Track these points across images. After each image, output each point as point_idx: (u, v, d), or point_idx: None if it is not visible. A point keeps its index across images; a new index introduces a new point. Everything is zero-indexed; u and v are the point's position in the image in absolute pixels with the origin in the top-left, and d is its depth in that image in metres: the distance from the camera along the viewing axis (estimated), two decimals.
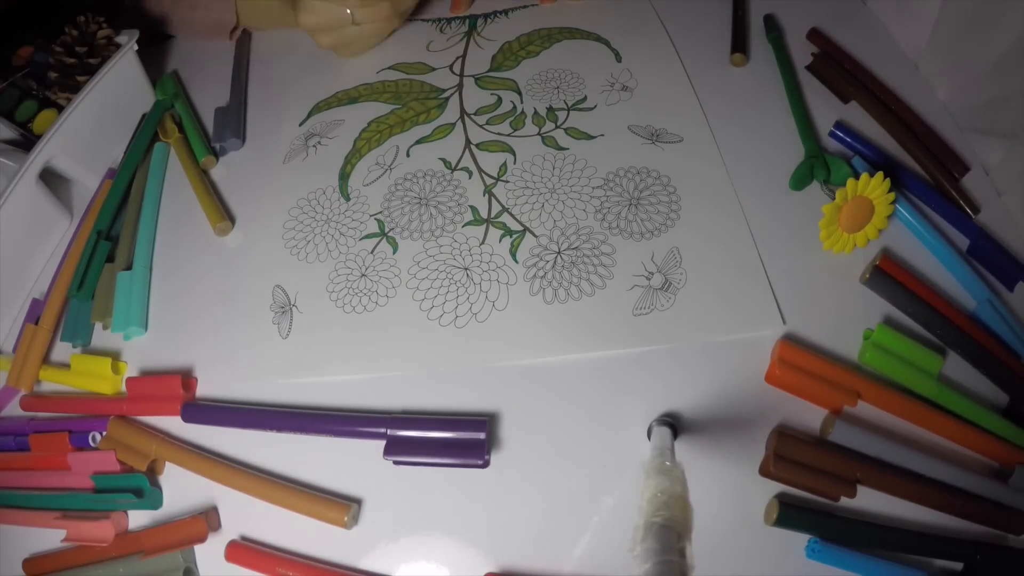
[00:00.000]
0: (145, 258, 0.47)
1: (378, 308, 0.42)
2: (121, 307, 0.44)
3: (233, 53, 0.60)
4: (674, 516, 0.26)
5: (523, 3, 0.58)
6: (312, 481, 0.38)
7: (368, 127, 0.51)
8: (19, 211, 0.46)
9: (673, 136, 0.47)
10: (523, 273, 0.42)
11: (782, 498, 0.34)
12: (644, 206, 0.43)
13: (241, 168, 0.52)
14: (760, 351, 0.37)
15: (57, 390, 0.44)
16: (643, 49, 0.53)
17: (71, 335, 0.44)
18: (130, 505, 0.39)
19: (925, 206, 0.42)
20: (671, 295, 0.39)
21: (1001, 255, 0.40)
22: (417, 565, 0.36)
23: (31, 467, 0.41)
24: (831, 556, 0.33)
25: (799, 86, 0.48)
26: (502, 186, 0.46)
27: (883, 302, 0.39)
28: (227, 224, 0.47)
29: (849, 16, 0.53)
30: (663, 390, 0.37)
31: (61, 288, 0.46)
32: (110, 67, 0.51)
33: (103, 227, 0.47)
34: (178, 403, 0.40)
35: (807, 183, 0.43)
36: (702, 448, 0.36)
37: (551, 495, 0.36)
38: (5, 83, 0.52)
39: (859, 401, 0.36)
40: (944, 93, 0.47)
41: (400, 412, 0.38)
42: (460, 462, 0.36)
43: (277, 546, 0.37)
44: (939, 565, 0.34)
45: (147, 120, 0.54)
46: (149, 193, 0.50)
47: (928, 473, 0.34)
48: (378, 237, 0.45)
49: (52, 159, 0.48)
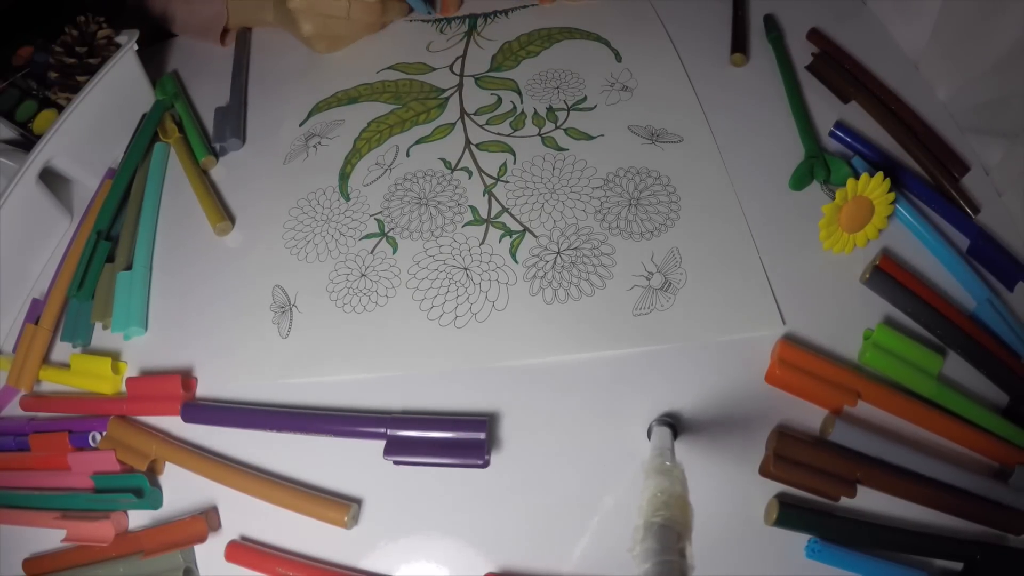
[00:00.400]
0: (145, 258, 0.47)
1: (378, 308, 0.42)
2: (121, 307, 0.44)
3: (233, 53, 0.60)
4: (674, 516, 0.26)
5: (523, 3, 0.58)
6: (312, 481, 0.38)
7: (368, 127, 0.51)
8: (19, 211, 0.46)
9: (673, 136, 0.47)
10: (523, 273, 0.42)
11: (782, 498, 0.34)
12: (644, 206, 0.43)
13: (241, 168, 0.52)
14: (760, 351, 0.37)
15: (57, 390, 0.44)
16: (643, 49, 0.53)
17: (71, 335, 0.44)
18: (130, 505, 0.39)
19: (925, 206, 0.42)
20: (671, 295, 0.39)
21: (1001, 255, 0.40)
22: (417, 565, 0.36)
23: (31, 467, 0.41)
24: (831, 556, 0.33)
25: (799, 86, 0.48)
26: (502, 186, 0.46)
27: (883, 302, 0.39)
28: (227, 224, 0.47)
29: (849, 16, 0.53)
30: (663, 390, 0.37)
31: (61, 288, 0.46)
32: (110, 67, 0.51)
33: (103, 227, 0.47)
34: (178, 403, 0.40)
35: (807, 183, 0.43)
36: (702, 448, 0.36)
37: (551, 495, 0.36)
38: (5, 83, 0.51)
39: (859, 401, 0.36)
40: (944, 93, 0.47)
41: (400, 412, 0.38)
42: (460, 462, 0.36)
43: (277, 546, 0.37)
44: (939, 565, 0.34)
45: (147, 120, 0.54)
46: (149, 193, 0.50)
47: (928, 473, 0.34)
48: (378, 237, 0.45)
49: (52, 159, 0.48)
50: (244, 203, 0.49)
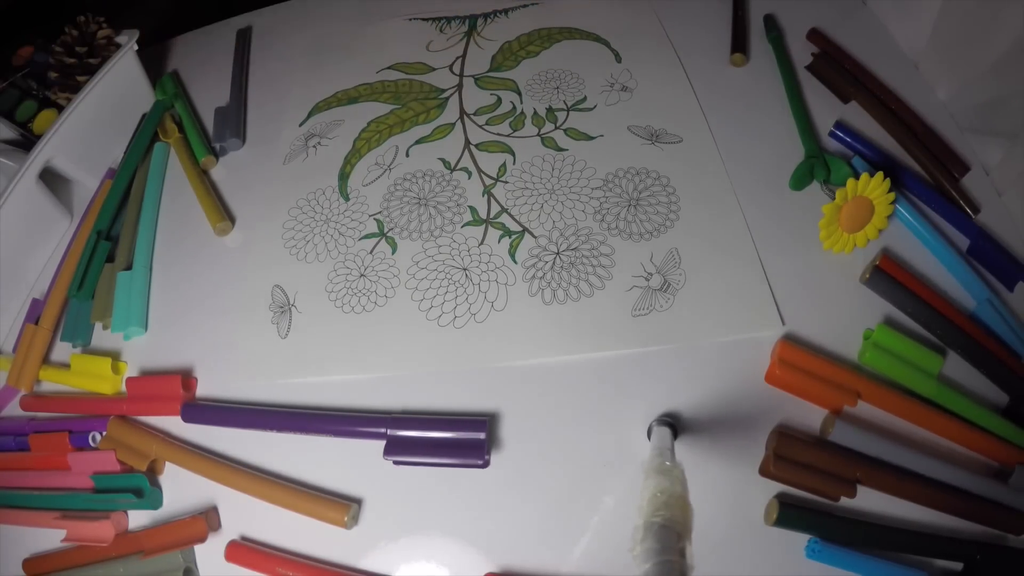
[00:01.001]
0: (145, 258, 0.47)
1: (377, 308, 0.42)
2: (121, 307, 0.44)
3: (233, 53, 0.60)
4: (674, 516, 0.26)
5: (523, 3, 0.58)
6: (312, 481, 0.38)
7: (368, 127, 0.51)
8: (19, 211, 0.46)
9: (673, 136, 0.47)
10: (522, 274, 0.42)
11: (782, 498, 0.34)
12: (643, 207, 0.43)
13: (241, 168, 0.52)
14: (760, 351, 0.37)
15: (57, 390, 0.44)
16: (643, 49, 0.53)
17: (71, 335, 0.44)
18: (130, 505, 0.39)
19: (925, 206, 0.42)
20: (670, 296, 0.39)
21: (1001, 255, 0.40)
22: (417, 565, 0.36)
23: (31, 467, 0.41)
24: (831, 556, 0.33)
25: (799, 86, 0.48)
26: (501, 187, 0.46)
27: (883, 302, 0.39)
28: (227, 224, 0.47)
29: (849, 16, 0.53)
30: (663, 390, 0.37)
31: (61, 288, 0.46)
32: (110, 67, 0.51)
33: (103, 227, 0.47)
34: (178, 403, 0.40)
35: (807, 183, 0.43)
36: (702, 448, 0.35)
37: (551, 495, 0.36)
38: (5, 83, 0.52)
39: (859, 401, 0.35)
40: (944, 93, 0.47)
41: (400, 412, 0.38)
42: (460, 462, 0.36)
43: (277, 546, 0.37)
44: (939, 565, 0.34)
45: (147, 120, 0.54)
46: (149, 193, 0.50)
47: (928, 473, 0.34)
48: (377, 237, 0.45)
49: (52, 159, 0.48)
50: (244, 203, 0.49)
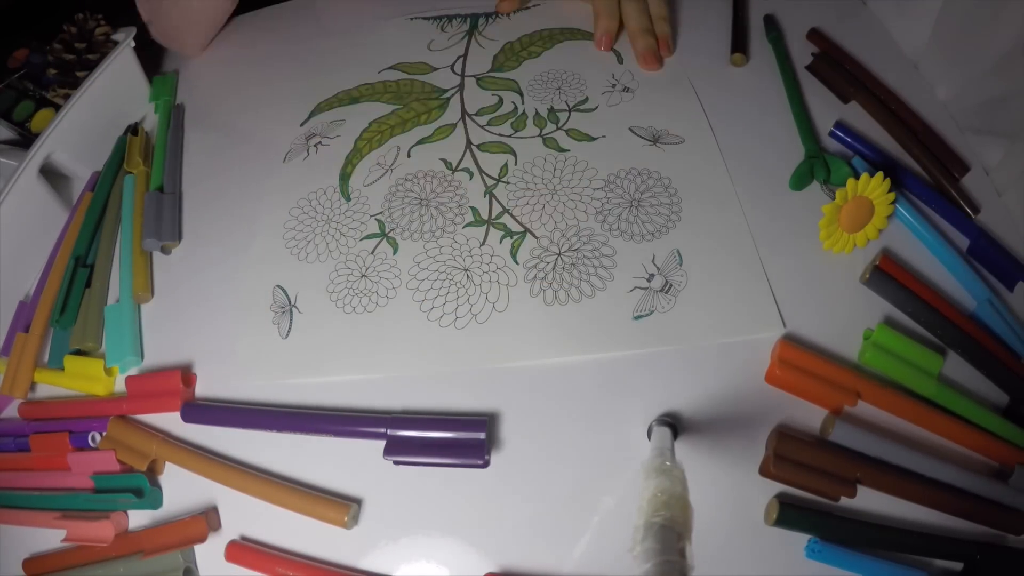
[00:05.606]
0: (129, 288, 0.45)
1: (378, 308, 0.42)
2: (113, 341, 0.43)
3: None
4: (674, 516, 0.26)
5: (523, 3, 0.58)
6: (312, 481, 0.38)
7: (369, 127, 0.51)
8: (21, 206, 0.46)
9: (674, 137, 0.47)
10: (523, 274, 0.42)
11: (782, 498, 0.34)
12: (645, 207, 0.43)
13: (241, 168, 0.52)
14: (760, 351, 0.37)
15: (52, 393, 0.44)
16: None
17: (57, 362, 0.43)
18: (130, 505, 0.39)
19: (925, 206, 0.42)
20: (672, 297, 0.39)
21: (1001, 255, 0.40)
22: (417, 565, 0.36)
23: (31, 467, 0.41)
24: (831, 556, 0.33)
25: (799, 86, 0.48)
26: (503, 187, 0.46)
27: (883, 302, 0.39)
28: (147, 296, 0.45)
29: (849, 16, 0.53)
30: (663, 390, 0.37)
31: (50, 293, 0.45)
32: (109, 62, 0.51)
33: (80, 253, 0.47)
34: (179, 398, 0.40)
35: (807, 183, 0.43)
36: (702, 448, 0.35)
37: (551, 495, 0.36)
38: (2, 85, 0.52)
39: (859, 401, 0.36)
40: (944, 93, 0.47)
41: (400, 412, 0.38)
42: (460, 462, 0.36)
43: (277, 546, 0.37)
44: (939, 565, 0.34)
45: (113, 150, 0.53)
46: (124, 226, 0.48)
47: (928, 473, 0.34)
48: (378, 237, 0.45)
49: (52, 154, 0.48)
50: (243, 202, 0.49)
